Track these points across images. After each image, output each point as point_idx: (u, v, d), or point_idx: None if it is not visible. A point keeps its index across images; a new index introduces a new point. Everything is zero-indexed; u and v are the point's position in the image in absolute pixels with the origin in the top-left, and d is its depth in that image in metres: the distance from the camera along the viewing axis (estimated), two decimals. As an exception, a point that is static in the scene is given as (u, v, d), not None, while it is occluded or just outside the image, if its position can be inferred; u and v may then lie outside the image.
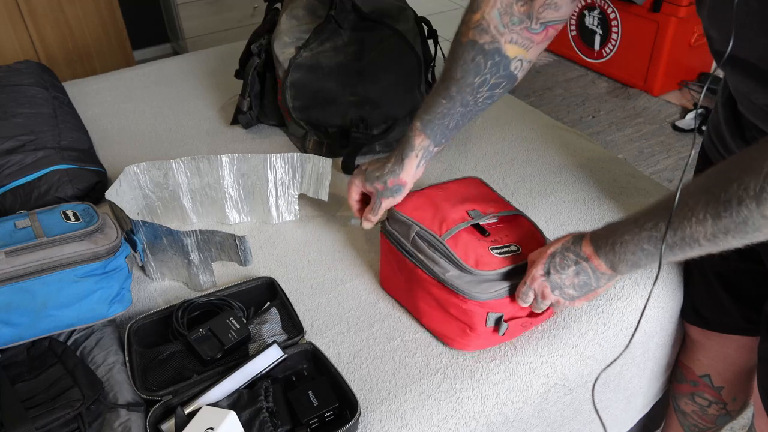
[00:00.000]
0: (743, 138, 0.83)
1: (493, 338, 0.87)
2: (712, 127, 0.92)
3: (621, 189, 1.21)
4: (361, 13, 1.27)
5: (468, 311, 0.84)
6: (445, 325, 0.88)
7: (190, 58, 1.82)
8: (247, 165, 1.12)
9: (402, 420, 0.81)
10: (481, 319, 0.84)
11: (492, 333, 0.86)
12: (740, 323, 0.98)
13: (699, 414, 1.13)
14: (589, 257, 0.75)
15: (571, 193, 1.20)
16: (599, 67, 3.13)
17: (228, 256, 0.98)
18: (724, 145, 0.88)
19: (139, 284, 1.03)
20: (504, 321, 0.85)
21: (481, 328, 0.85)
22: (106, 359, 0.84)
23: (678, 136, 2.65)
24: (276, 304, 0.95)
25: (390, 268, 0.96)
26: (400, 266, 0.92)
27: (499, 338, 0.87)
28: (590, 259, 0.75)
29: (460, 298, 0.83)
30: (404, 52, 1.32)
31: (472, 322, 0.84)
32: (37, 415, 0.72)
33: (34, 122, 1.27)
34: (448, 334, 0.89)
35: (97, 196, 1.20)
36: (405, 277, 0.92)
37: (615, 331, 0.96)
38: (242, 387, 0.80)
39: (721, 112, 0.87)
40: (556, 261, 0.77)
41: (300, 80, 1.29)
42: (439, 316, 0.89)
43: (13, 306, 0.80)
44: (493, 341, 0.88)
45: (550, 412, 0.92)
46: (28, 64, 1.51)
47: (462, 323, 0.85)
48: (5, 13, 2.55)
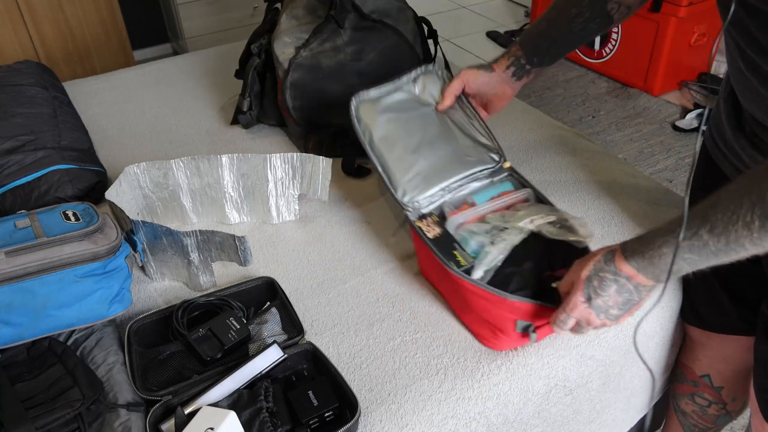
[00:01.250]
0: (743, 131, 0.82)
1: (524, 341, 0.88)
2: (714, 124, 0.92)
3: (621, 189, 1.21)
4: (361, 13, 1.27)
5: (498, 315, 0.84)
6: (477, 325, 0.89)
7: (190, 58, 1.82)
8: (247, 165, 1.12)
9: (402, 420, 0.81)
10: (510, 323, 0.84)
11: (522, 337, 0.86)
12: (738, 323, 0.98)
13: (699, 414, 1.13)
14: (630, 276, 0.72)
15: (571, 193, 1.20)
16: (599, 67, 3.13)
17: (228, 256, 0.98)
18: (724, 141, 0.87)
19: (139, 284, 1.03)
20: (533, 331, 0.84)
21: (510, 332, 0.85)
22: (106, 359, 0.84)
23: (678, 136, 2.65)
24: (276, 304, 0.94)
25: (425, 258, 0.97)
26: (434, 261, 0.92)
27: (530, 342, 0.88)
28: (631, 277, 0.72)
29: (489, 302, 0.83)
30: (404, 52, 1.32)
31: (502, 325, 0.85)
32: (37, 415, 0.72)
33: (34, 122, 1.27)
34: (482, 333, 0.90)
35: (97, 196, 1.20)
36: (440, 272, 0.92)
37: (615, 331, 0.95)
38: (242, 387, 0.80)
39: (722, 107, 0.87)
40: (595, 284, 0.74)
41: (300, 80, 1.29)
42: (472, 316, 0.90)
43: (13, 306, 0.80)
44: (524, 341, 0.89)
45: (550, 413, 0.92)
46: (28, 64, 1.51)
47: (492, 325, 0.86)
48: (5, 13, 2.55)
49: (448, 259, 0.87)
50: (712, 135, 0.93)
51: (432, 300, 0.98)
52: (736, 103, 0.83)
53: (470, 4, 4.12)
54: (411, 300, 0.98)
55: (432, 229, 0.92)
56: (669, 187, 1.67)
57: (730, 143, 0.85)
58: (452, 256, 0.87)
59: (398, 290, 1.00)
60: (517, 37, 1.03)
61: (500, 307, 0.83)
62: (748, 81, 0.74)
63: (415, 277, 1.03)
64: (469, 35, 3.70)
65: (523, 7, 4.03)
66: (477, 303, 0.85)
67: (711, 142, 0.93)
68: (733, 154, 0.86)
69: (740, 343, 1.00)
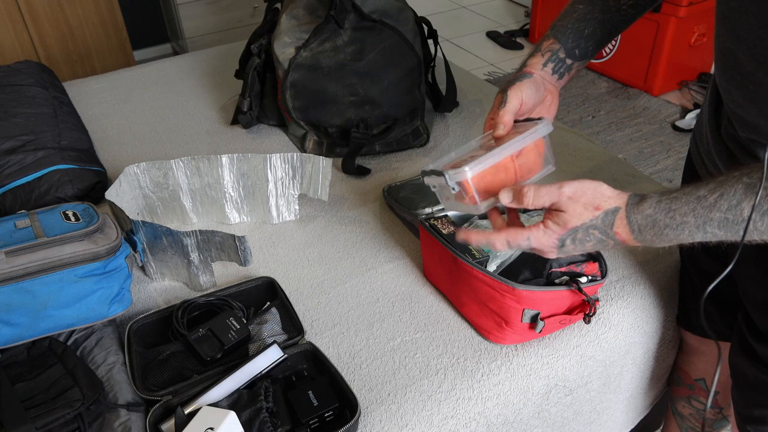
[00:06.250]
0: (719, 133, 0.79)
1: (530, 334, 0.89)
2: (696, 128, 0.90)
3: (621, 189, 1.20)
4: (361, 13, 1.27)
5: (505, 305, 0.85)
6: (483, 318, 0.90)
7: (190, 58, 1.82)
8: (247, 165, 1.12)
9: (402, 420, 0.81)
10: (517, 314, 0.85)
11: (528, 329, 0.88)
12: (723, 329, 0.96)
13: (696, 417, 1.12)
14: (623, 240, 0.66)
15: (572, 194, 1.20)
16: (599, 67, 3.13)
17: (228, 256, 0.98)
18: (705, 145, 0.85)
19: (139, 284, 1.03)
20: (541, 319, 0.86)
21: (516, 323, 0.86)
22: (106, 359, 0.84)
23: (678, 136, 2.65)
24: (276, 304, 0.94)
25: (431, 260, 0.98)
26: (442, 258, 0.93)
27: (535, 334, 0.88)
28: (624, 241, 0.66)
29: (498, 291, 0.85)
30: (404, 52, 1.32)
31: (509, 316, 0.86)
32: (37, 415, 0.72)
33: (34, 122, 1.27)
34: (485, 327, 0.91)
35: (97, 196, 1.20)
36: (447, 268, 0.93)
37: (615, 331, 0.96)
38: (242, 387, 0.80)
39: (705, 111, 0.84)
40: (578, 236, 0.66)
41: (300, 80, 1.29)
42: (477, 309, 0.90)
43: (14, 306, 0.80)
44: (529, 336, 0.90)
45: (550, 413, 0.92)
46: (28, 64, 1.51)
47: (498, 317, 0.87)
48: (5, 13, 2.55)
49: (463, 252, 0.89)
50: (695, 140, 0.91)
51: (432, 300, 0.98)
52: (718, 104, 0.81)
53: (470, 4, 4.12)
54: (411, 300, 0.98)
55: (446, 227, 0.95)
56: (669, 187, 1.67)
57: (709, 148, 0.83)
58: (467, 250, 0.90)
59: (398, 290, 1.00)
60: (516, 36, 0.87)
61: (509, 298, 0.84)
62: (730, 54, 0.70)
63: (416, 278, 1.03)
64: (469, 35, 3.70)
65: (523, 7, 4.03)
66: (486, 293, 0.87)
67: (693, 147, 0.91)
68: (710, 160, 0.83)
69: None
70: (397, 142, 1.34)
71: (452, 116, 1.49)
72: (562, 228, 0.67)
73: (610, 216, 0.65)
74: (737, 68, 0.69)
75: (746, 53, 0.66)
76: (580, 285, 0.85)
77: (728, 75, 0.72)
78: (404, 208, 1.11)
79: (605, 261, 0.91)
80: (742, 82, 0.69)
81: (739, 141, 0.74)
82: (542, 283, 0.88)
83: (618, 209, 0.65)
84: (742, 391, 0.86)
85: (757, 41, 0.63)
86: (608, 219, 0.65)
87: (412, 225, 1.11)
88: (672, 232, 0.63)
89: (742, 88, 0.70)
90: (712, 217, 0.60)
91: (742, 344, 0.84)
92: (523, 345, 0.91)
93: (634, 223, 0.64)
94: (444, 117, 1.49)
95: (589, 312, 0.86)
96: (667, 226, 0.63)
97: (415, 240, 1.10)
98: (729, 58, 0.70)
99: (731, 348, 0.87)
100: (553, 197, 0.66)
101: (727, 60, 0.71)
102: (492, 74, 3.22)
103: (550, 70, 0.84)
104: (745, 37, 0.65)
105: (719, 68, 0.74)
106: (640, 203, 0.65)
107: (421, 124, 1.37)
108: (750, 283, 0.81)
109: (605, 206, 0.65)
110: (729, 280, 0.88)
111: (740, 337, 0.84)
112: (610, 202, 0.66)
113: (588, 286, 0.85)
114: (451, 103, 1.49)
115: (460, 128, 1.44)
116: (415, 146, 1.37)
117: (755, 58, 0.64)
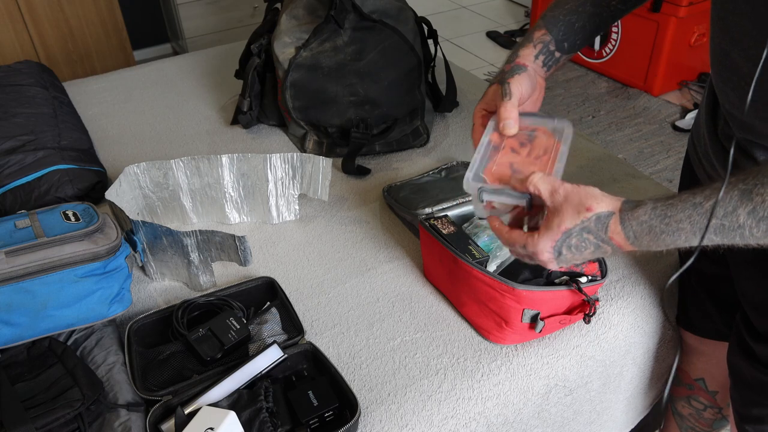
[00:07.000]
0: (716, 133, 0.79)
1: (530, 334, 0.89)
2: (694, 128, 0.90)
3: (621, 189, 1.21)
4: (361, 13, 1.27)
5: (505, 305, 0.85)
6: (483, 318, 0.90)
7: (190, 58, 1.82)
8: (247, 165, 1.12)
9: (402, 420, 0.81)
10: (517, 314, 0.85)
11: (528, 329, 0.88)
12: (722, 329, 0.96)
13: (695, 417, 1.12)
14: (619, 245, 0.65)
15: (572, 194, 1.20)
16: (599, 67, 3.13)
17: (228, 256, 0.98)
18: (702, 146, 0.85)
19: (139, 284, 1.03)
20: (541, 319, 0.86)
21: (516, 323, 0.86)
22: (106, 359, 0.84)
23: (678, 136, 2.65)
24: (276, 304, 0.94)
25: (431, 260, 0.98)
26: (442, 258, 0.93)
27: (535, 334, 0.89)
28: (619, 246, 0.65)
29: (498, 291, 0.85)
30: (404, 52, 1.32)
31: (509, 316, 0.86)
32: (37, 415, 0.72)
33: (34, 122, 1.27)
34: (485, 327, 0.91)
35: (97, 196, 1.20)
36: (447, 268, 0.93)
37: (615, 331, 0.96)
38: (242, 387, 0.80)
39: (702, 112, 0.84)
40: (572, 243, 0.66)
41: (300, 80, 1.29)
42: (477, 309, 0.90)
43: (14, 306, 0.80)
44: (529, 336, 0.90)
45: (550, 413, 0.92)
46: (28, 64, 1.51)
47: (498, 317, 0.87)
48: (5, 13, 2.54)
49: (463, 252, 0.89)
50: (693, 140, 0.91)
51: (432, 300, 0.98)
52: (715, 105, 0.81)
53: (470, 4, 4.12)
54: (411, 300, 0.98)
55: (446, 227, 0.95)
56: (669, 187, 1.67)
57: (706, 148, 0.83)
58: (467, 250, 0.90)
59: (398, 290, 1.00)
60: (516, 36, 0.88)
61: (509, 298, 0.84)
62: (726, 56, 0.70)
63: (416, 278, 1.03)
64: (469, 35, 3.70)
65: (523, 7, 4.03)
66: (486, 293, 0.87)
67: (691, 147, 0.92)
68: (708, 160, 0.83)
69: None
70: (397, 142, 1.35)
71: (452, 116, 1.49)
72: (556, 232, 0.66)
73: (604, 220, 0.64)
74: (733, 69, 0.69)
75: (741, 55, 0.67)
76: (580, 285, 0.85)
77: (724, 76, 0.72)
78: (404, 208, 1.11)
79: (605, 261, 0.91)
80: (737, 84, 0.69)
81: (735, 141, 0.74)
82: (542, 283, 0.89)
83: (611, 214, 0.64)
84: (741, 391, 0.86)
85: (752, 43, 0.64)
86: (601, 223, 0.64)
87: (412, 225, 1.11)
88: (669, 237, 0.62)
89: (737, 90, 0.70)
90: (707, 223, 0.59)
91: (740, 344, 0.84)
92: (523, 345, 0.91)
93: (629, 229, 0.64)
94: (444, 117, 1.49)
95: (589, 312, 0.86)
96: (663, 232, 0.62)
97: (415, 240, 1.10)
98: (724, 59, 0.71)
99: (729, 348, 0.87)
100: (555, 184, 0.67)
101: (723, 61, 0.71)
102: (492, 74, 3.22)
103: (540, 63, 0.84)
104: (740, 38, 0.66)
105: (715, 69, 0.75)
106: (635, 209, 0.64)
107: (421, 124, 1.37)
108: (748, 285, 0.81)
109: (597, 208, 0.64)
110: (728, 280, 0.89)
111: (738, 337, 0.85)
112: (602, 205, 0.65)
113: (588, 286, 0.86)
114: (451, 103, 1.49)
115: (460, 128, 1.44)
116: (415, 146, 1.37)
117: (750, 60, 0.65)
